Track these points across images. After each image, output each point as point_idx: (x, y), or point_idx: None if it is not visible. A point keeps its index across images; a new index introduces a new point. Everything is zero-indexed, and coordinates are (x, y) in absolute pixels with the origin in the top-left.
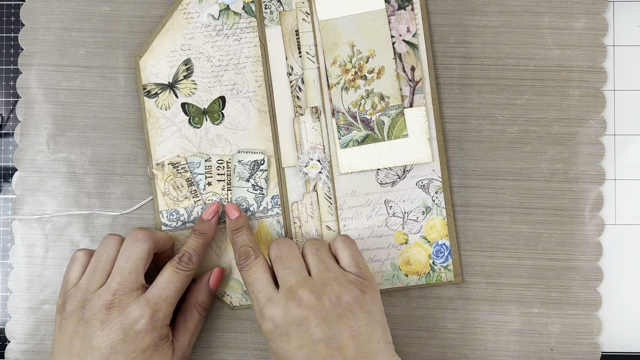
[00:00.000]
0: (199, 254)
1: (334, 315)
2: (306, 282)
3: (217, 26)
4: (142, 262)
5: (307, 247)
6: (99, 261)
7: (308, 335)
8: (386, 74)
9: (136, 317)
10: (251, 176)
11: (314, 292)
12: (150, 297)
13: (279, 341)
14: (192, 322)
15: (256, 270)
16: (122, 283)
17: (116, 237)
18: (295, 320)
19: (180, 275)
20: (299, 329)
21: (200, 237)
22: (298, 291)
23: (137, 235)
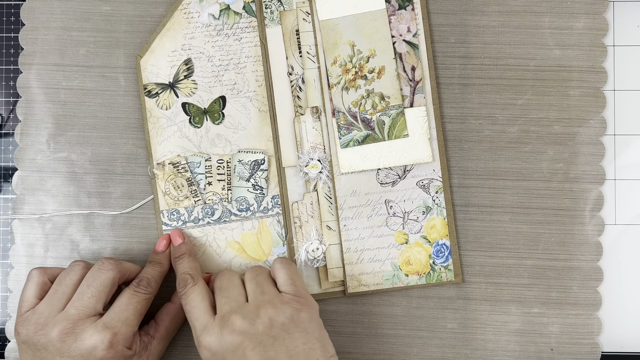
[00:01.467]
0: (156, 280)
1: (269, 338)
2: (240, 308)
3: (217, 26)
4: (104, 290)
5: (247, 273)
6: (61, 285)
7: (263, 352)
8: (386, 74)
9: (94, 342)
10: (251, 176)
11: (246, 318)
12: (108, 320)
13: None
14: (176, 326)
15: (193, 299)
16: (80, 309)
17: (82, 263)
18: (230, 347)
19: (139, 297)
20: (235, 354)
21: (157, 266)
22: (231, 317)
23: (103, 264)
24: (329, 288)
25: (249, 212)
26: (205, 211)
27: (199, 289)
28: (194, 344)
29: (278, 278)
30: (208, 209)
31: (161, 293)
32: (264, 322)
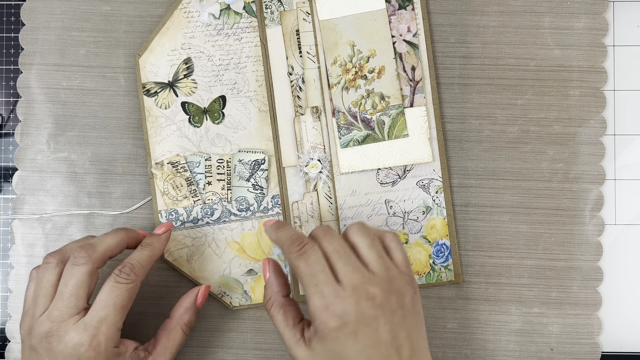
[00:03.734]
0: (142, 265)
1: (399, 316)
2: (373, 279)
3: (217, 25)
4: (82, 285)
5: (360, 237)
6: (40, 287)
7: (376, 335)
8: (386, 74)
9: (75, 344)
10: (251, 176)
11: (383, 291)
12: (89, 320)
13: (343, 340)
14: (174, 343)
15: (316, 261)
16: (61, 309)
17: (55, 259)
18: (366, 320)
19: (120, 290)
20: (368, 329)
21: (146, 249)
22: (369, 289)
23: (75, 259)
24: None
25: (248, 212)
26: (204, 211)
27: (318, 249)
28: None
29: (395, 256)
30: (207, 209)
31: (162, 307)
32: (397, 299)
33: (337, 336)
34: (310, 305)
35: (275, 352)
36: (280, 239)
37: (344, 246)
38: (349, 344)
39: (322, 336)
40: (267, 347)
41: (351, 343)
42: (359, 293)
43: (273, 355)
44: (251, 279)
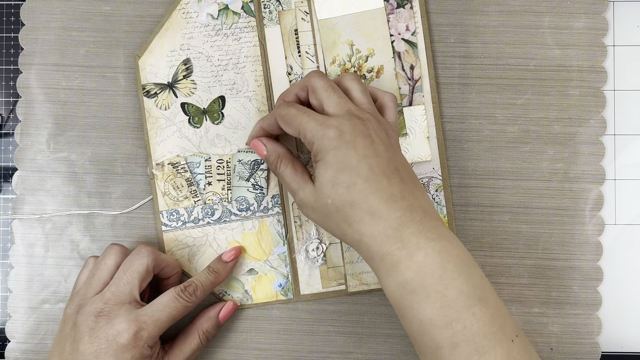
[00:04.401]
0: (205, 289)
1: (389, 144)
2: (363, 111)
3: (216, 26)
4: (138, 276)
5: (353, 82)
6: (97, 269)
7: (374, 148)
8: (385, 73)
9: (120, 330)
10: (251, 175)
11: (374, 120)
12: (142, 314)
13: (344, 149)
14: (189, 347)
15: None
16: (115, 293)
17: (117, 247)
18: (362, 132)
19: (179, 304)
20: (366, 140)
21: (212, 274)
22: (360, 114)
23: (140, 250)
24: (331, 287)
25: (249, 212)
26: (205, 211)
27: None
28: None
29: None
30: (208, 209)
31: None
32: (387, 136)
33: (338, 145)
34: (307, 132)
35: (275, 352)
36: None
37: (334, 85)
38: (350, 153)
39: (325, 150)
40: (267, 347)
41: (352, 152)
42: (350, 114)
43: (273, 355)
44: (252, 279)
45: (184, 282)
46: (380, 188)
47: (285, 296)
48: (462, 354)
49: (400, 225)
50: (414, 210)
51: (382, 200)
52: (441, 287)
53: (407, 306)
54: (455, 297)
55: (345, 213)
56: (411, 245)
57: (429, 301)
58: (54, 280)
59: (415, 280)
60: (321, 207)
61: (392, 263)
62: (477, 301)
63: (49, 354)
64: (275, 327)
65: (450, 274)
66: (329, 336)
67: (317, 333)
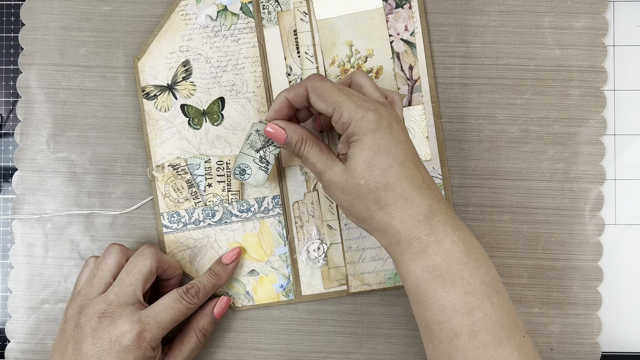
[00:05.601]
0: (207, 292)
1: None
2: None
3: (215, 27)
4: (142, 278)
5: (365, 78)
6: (98, 269)
7: (406, 135)
8: (384, 74)
9: (123, 331)
10: (263, 148)
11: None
12: (145, 315)
13: (382, 132)
14: (188, 346)
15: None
16: (119, 294)
17: (118, 247)
18: (396, 118)
19: (182, 305)
20: (399, 126)
21: (213, 277)
22: (389, 106)
23: (143, 251)
24: (332, 287)
25: (249, 213)
26: (205, 213)
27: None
28: None
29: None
30: (209, 211)
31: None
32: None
33: (376, 128)
34: (344, 112)
35: (275, 353)
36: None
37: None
38: (388, 137)
39: (363, 132)
40: (267, 347)
41: (389, 136)
42: (384, 103)
43: (273, 356)
44: (253, 280)
45: (186, 284)
46: (414, 174)
47: (287, 297)
48: (480, 342)
49: (430, 212)
50: (440, 200)
51: (415, 187)
52: (466, 274)
53: (431, 291)
54: (477, 285)
55: (378, 195)
56: (439, 232)
57: (454, 287)
58: (54, 280)
59: (442, 266)
60: (352, 187)
61: (421, 248)
62: (496, 292)
63: (50, 355)
64: (275, 327)
65: (475, 263)
66: (329, 336)
67: (317, 333)
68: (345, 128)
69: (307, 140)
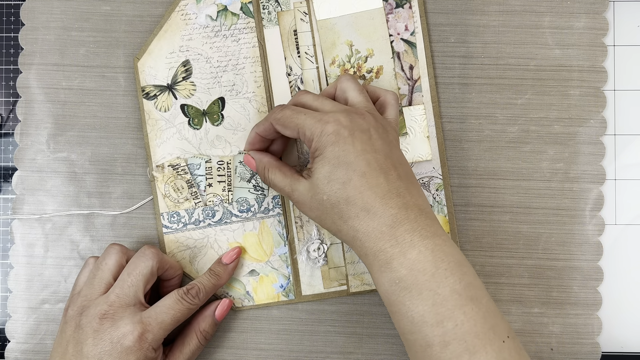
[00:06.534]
0: (207, 292)
1: (387, 140)
2: (359, 109)
3: (215, 27)
4: (143, 278)
5: (350, 82)
6: (98, 269)
7: (371, 143)
8: (385, 73)
9: (125, 332)
10: (252, 177)
11: (372, 117)
12: (146, 316)
13: (342, 144)
14: (188, 348)
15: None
16: (120, 295)
17: (118, 247)
18: (360, 127)
19: (183, 306)
20: (364, 135)
21: (214, 277)
22: (357, 112)
23: (144, 252)
24: (332, 287)
25: (249, 213)
26: (205, 213)
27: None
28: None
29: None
30: (209, 211)
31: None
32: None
33: (336, 140)
34: (306, 130)
35: (275, 353)
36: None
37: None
38: (348, 149)
39: (322, 146)
40: (267, 347)
41: (350, 147)
42: (348, 111)
43: (273, 356)
44: (253, 280)
45: (187, 285)
46: (377, 184)
47: (287, 297)
48: (452, 353)
49: (394, 222)
50: (409, 208)
51: (378, 197)
52: (433, 285)
53: (399, 303)
54: (447, 295)
55: (340, 209)
56: (405, 242)
57: (421, 299)
58: (54, 280)
59: (407, 278)
60: (317, 204)
61: (386, 260)
62: (469, 300)
63: (50, 355)
64: (275, 327)
65: (443, 272)
66: (329, 336)
67: (317, 333)
68: (310, 145)
69: (269, 168)
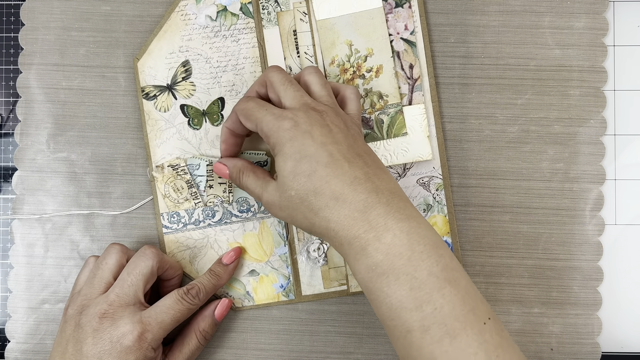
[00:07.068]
0: (207, 292)
1: (347, 133)
2: (320, 104)
3: (214, 27)
4: (143, 278)
5: (313, 76)
6: (98, 269)
7: (332, 136)
8: (384, 73)
9: (125, 331)
10: None
11: (332, 112)
12: (146, 316)
13: (301, 138)
14: (188, 348)
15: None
16: (120, 295)
17: (118, 247)
18: (318, 122)
19: (183, 306)
20: (323, 129)
21: (214, 277)
22: (317, 106)
23: (144, 252)
24: (332, 287)
25: (249, 213)
26: (205, 213)
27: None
28: None
29: (350, 107)
30: (209, 211)
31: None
32: (345, 125)
33: (294, 135)
34: (264, 125)
35: (275, 353)
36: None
37: (292, 79)
38: (307, 142)
39: (281, 142)
40: (267, 347)
41: (309, 141)
42: (307, 106)
43: (273, 356)
44: (253, 280)
45: (187, 285)
46: (343, 172)
47: (287, 297)
48: (433, 337)
49: (366, 207)
50: (379, 192)
51: (346, 184)
52: (410, 269)
53: (377, 289)
54: (424, 278)
55: (309, 202)
56: (379, 227)
57: (399, 283)
58: (54, 280)
59: (384, 263)
60: (286, 201)
61: (361, 246)
62: (447, 283)
63: (50, 355)
64: (275, 327)
65: (419, 255)
66: (329, 336)
67: (317, 333)
68: (268, 142)
69: (243, 170)
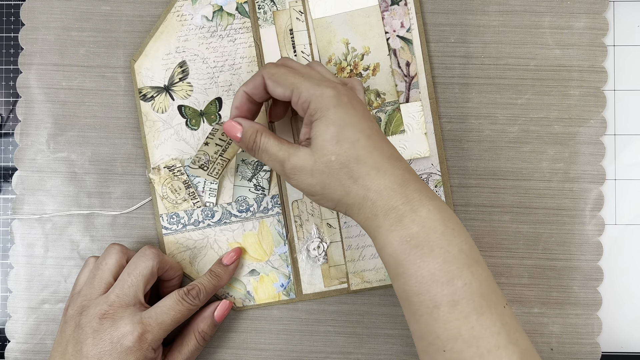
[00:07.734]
0: (208, 293)
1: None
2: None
3: (211, 27)
4: (143, 279)
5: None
6: (98, 269)
7: (366, 112)
8: (381, 71)
9: (125, 332)
10: (254, 176)
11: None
12: (146, 317)
13: (344, 108)
14: (187, 348)
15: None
16: (120, 295)
17: (118, 247)
18: (354, 97)
19: (183, 307)
20: (359, 104)
21: (214, 278)
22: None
23: (145, 252)
24: (333, 286)
25: (249, 213)
26: (205, 213)
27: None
28: None
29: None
30: (208, 211)
31: None
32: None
33: (338, 103)
34: (303, 90)
35: (275, 353)
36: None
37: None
38: (351, 112)
39: (325, 108)
40: (267, 347)
41: (352, 111)
42: (339, 82)
43: (273, 356)
44: (254, 279)
45: (187, 286)
46: (381, 146)
47: (288, 296)
48: (461, 312)
49: (404, 181)
50: (411, 171)
51: (385, 158)
52: (444, 243)
53: (409, 262)
54: (456, 254)
55: (350, 168)
56: (415, 201)
57: (433, 256)
58: (54, 280)
59: (420, 235)
60: (324, 166)
61: (397, 217)
62: (475, 262)
63: (49, 355)
64: (275, 327)
65: (451, 232)
66: (329, 336)
67: (317, 333)
68: (305, 107)
69: (262, 132)
